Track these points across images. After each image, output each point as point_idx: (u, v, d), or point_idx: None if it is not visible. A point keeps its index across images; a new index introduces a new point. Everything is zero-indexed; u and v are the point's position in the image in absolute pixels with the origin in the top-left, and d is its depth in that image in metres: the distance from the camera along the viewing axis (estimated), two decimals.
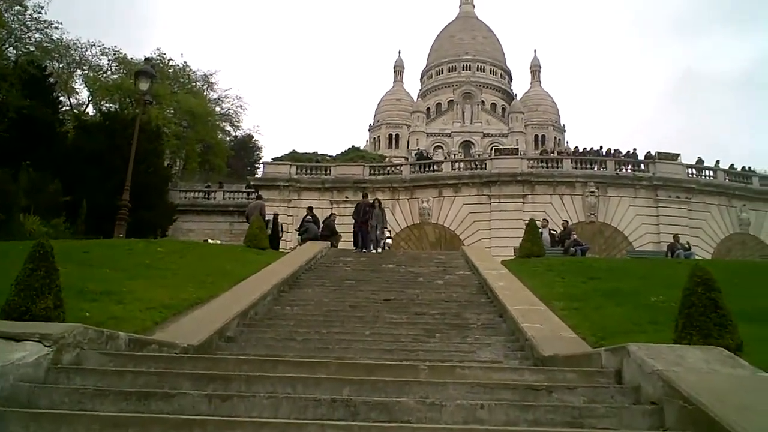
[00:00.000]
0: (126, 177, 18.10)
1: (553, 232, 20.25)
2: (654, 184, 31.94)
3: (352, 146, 65.76)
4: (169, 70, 45.08)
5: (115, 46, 42.50)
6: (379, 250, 17.54)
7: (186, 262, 12.48)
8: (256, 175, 39.21)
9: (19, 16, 32.12)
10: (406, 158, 65.19)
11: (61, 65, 40.13)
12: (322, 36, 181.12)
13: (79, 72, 41.60)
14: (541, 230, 17.94)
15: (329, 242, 18.54)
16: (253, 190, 34.83)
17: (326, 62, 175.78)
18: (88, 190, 25.30)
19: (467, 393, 4.62)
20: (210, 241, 25.24)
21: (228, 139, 51.53)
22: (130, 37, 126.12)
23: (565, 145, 75.74)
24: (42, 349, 4.75)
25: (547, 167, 33.57)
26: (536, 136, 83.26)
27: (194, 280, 10.72)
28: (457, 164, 36.54)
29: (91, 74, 41.19)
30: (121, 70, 41.04)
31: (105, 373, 4.94)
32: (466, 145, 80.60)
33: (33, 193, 23.44)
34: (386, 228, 19.33)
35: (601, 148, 37.79)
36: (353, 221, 18.66)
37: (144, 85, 19.41)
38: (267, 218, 19.59)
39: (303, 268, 13.02)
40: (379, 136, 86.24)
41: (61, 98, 38.70)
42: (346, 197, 32.16)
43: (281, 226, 21.47)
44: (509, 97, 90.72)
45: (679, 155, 34.17)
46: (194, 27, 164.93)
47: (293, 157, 47.54)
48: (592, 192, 31.66)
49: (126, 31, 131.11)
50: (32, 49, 34.06)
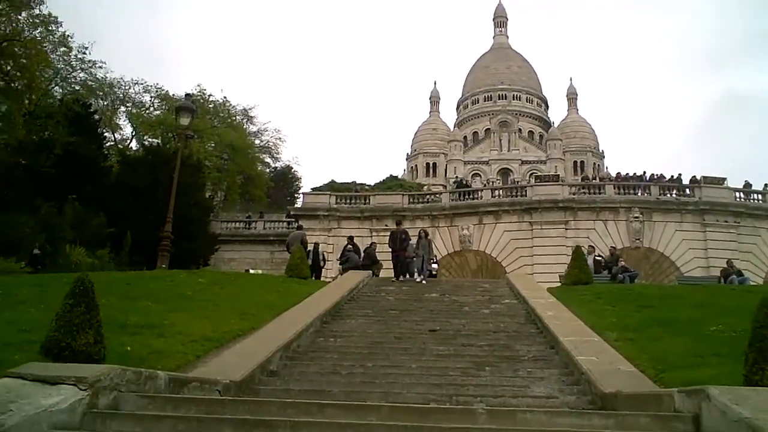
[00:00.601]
0: (168, 209, 18.18)
1: (599, 258, 19.69)
2: (701, 209, 31.08)
3: (390, 175, 65.84)
4: (210, 105, 45.95)
5: (157, 84, 43.63)
6: (425, 281, 16.85)
7: (227, 293, 12.36)
8: (296, 205, 39.34)
9: (65, 57, 33.03)
10: (444, 186, 64.94)
11: (105, 103, 41.29)
12: (359, 68, 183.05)
13: (123, 109, 42.80)
14: (587, 256, 17.45)
15: (371, 271, 18.31)
16: (293, 220, 34.92)
17: (364, 93, 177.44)
18: (131, 222, 25.70)
19: None
20: (251, 271, 25.27)
21: (267, 170, 52.11)
22: (172, 75, 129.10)
23: (605, 170, 74.56)
24: (77, 393, 4.56)
25: (590, 193, 32.93)
26: (575, 163, 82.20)
27: (236, 312, 10.57)
28: (497, 191, 36.14)
29: (135, 111, 42.29)
30: (163, 106, 41.96)
31: (143, 418, 4.75)
32: (504, 173, 80.00)
33: (78, 226, 23.87)
34: (432, 259, 18.86)
35: (645, 173, 36.97)
36: (391, 251, 18.26)
37: (185, 120, 19.60)
38: (308, 248, 19.46)
39: (345, 299, 12.78)
40: (416, 165, 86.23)
41: (106, 134, 39.63)
42: (386, 225, 31.93)
43: (322, 255, 21.32)
44: (546, 124, 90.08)
45: (725, 179, 33.27)
46: (234, 62, 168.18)
47: (332, 187, 47.71)
48: (637, 217, 30.95)
49: (168, 68, 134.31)
50: (77, 87, 35.10)
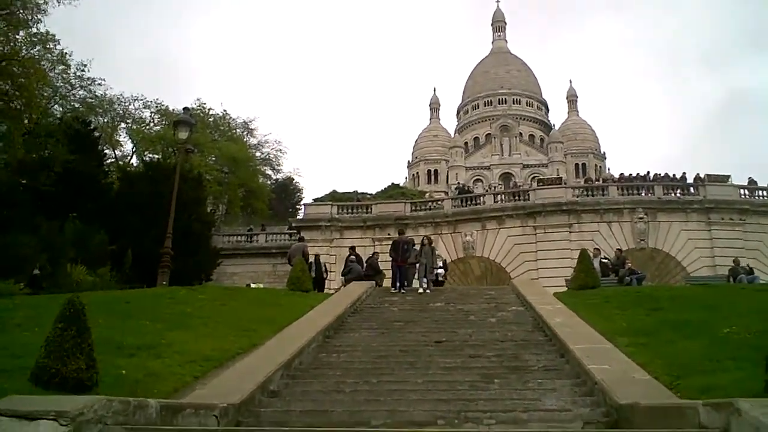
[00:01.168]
0: (168, 225, 17.97)
1: (605, 261, 19.40)
2: (706, 207, 30.72)
3: (392, 183, 65.54)
4: (210, 119, 45.85)
5: (157, 99, 43.45)
6: (429, 290, 16.37)
7: (228, 309, 12.11)
8: (298, 217, 39.12)
9: (64, 75, 32.87)
10: (446, 193, 64.66)
11: (105, 120, 41.14)
12: (358, 77, 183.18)
13: (123, 125, 42.68)
14: (593, 259, 17.16)
15: (374, 282, 18.04)
16: (294, 232, 34.70)
17: (363, 102, 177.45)
18: (132, 238, 25.54)
19: None
20: (252, 285, 24.95)
21: (269, 182, 51.88)
22: (171, 89, 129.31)
23: (607, 172, 74.35)
24: (57, 429, 4.25)
25: (593, 195, 32.63)
26: (576, 165, 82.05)
27: (236, 329, 10.33)
28: (499, 196, 35.86)
29: (135, 127, 42.19)
30: (163, 121, 41.79)
31: None
32: (506, 177, 79.78)
33: (79, 244, 23.67)
34: (435, 268, 18.33)
35: (648, 173, 36.64)
36: (392, 260, 17.55)
37: (183, 134, 19.38)
38: (309, 260, 19.21)
39: (348, 311, 12.52)
40: (417, 173, 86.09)
41: (106, 151, 39.54)
42: (389, 234, 31.66)
43: (325, 266, 21.08)
44: (547, 127, 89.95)
45: (729, 177, 32.96)
46: (233, 75, 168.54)
47: (333, 197, 47.52)
48: (641, 218, 30.62)
49: (167, 83, 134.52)
50: (77, 105, 34.94)
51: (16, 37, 26.87)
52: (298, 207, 52.04)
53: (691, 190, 32.34)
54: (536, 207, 31.69)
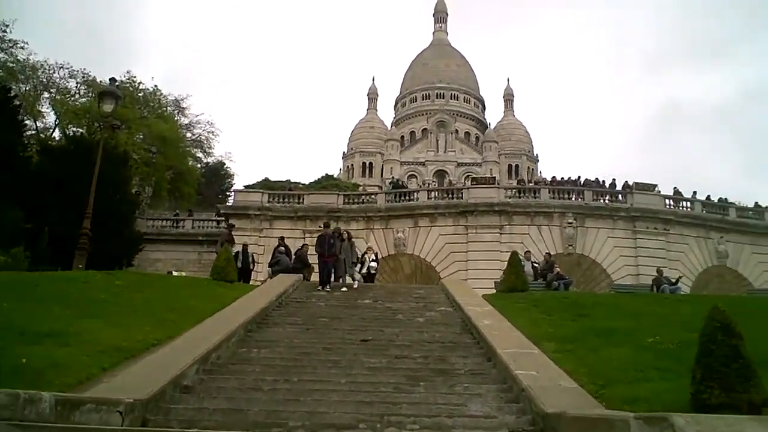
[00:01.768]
0: (89, 204, 17.06)
1: (535, 264, 19.56)
2: (632, 215, 31.44)
3: (326, 174, 64.96)
4: (139, 94, 43.96)
5: (84, 69, 41.29)
6: (356, 284, 16.06)
7: (145, 297, 11.52)
8: (227, 204, 38.14)
9: None
10: (380, 187, 64.64)
11: (27, 87, 39.02)
12: (295, 63, 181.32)
13: (47, 95, 40.42)
14: (523, 263, 17.24)
15: (301, 275, 17.64)
16: (222, 219, 33.79)
17: (300, 89, 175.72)
18: (50, 217, 24.31)
19: None
20: (175, 273, 24.15)
21: (199, 166, 50.37)
22: (101, 60, 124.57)
23: (539, 174, 75.88)
24: None
25: (525, 197, 32.99)
26: (510, 166, 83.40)
27: (153, 318, 9.81)
28: (433, 193, 35.83)
29: (59, 97, 40.00)
30: (90, 94, 39.83)
31: None
32: (440, 174, 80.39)
33: None
34: (355, 263, 17.54)
35: (579, 178, 37.35)
36: (318, 255, 16.34)
37: (108, 107, 18.47)
38: (236, 249, 18.63)
39: (273, 304, 12.12)
40: (352, 165, 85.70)
41: (27, 121, 37.46)
42: (320, 227, 31.03)
43: (252, 256, 20.49)
44: (483, 125, 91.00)
45: (656, 186, 33.85)
46: (166, 51, 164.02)
47: (266, 185, 46.60)
48: (570, 223, 31.08)
49: (96, 53, 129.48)
50: None
51: None
52: (228, 193, 50.88)
53: (619, 197, 33.05)
54: (469, 206, 31.75)
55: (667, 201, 33.26)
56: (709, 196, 35.88)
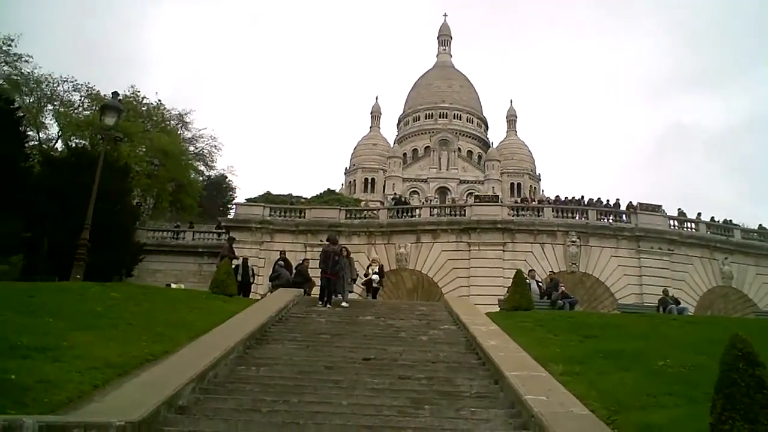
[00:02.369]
0: (87, 215, 16.83)
1: (540, 283, 19.24)
2: (636, 235, 31.21)
3: (328, 189, 64.68)
4: (143, 108, 44.13)
5: (88, 83, 41.45)
6: (346, 304, 15.20)
7: (142, 311, 11.24)
8: (229, 216, 37.90)
9: None
10: (382, 202, 64.41)
11: (31, 100, 39.14)
12: (299, 79, 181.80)
13: (50, 107, 40.54)
14: (528, 281, 16.95)
15: (302, 290, 17.34)
16: (223, 231, 33.55)
17: (303, 105, 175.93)
18: (50, 227, 24.17)
19: None
20: (173, 286, 23.82)
21: (201, 178, 50.31)
22: (106, 75, 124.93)
23: (541, 193, 75.65)
24: None
25: (528, 215, 32.75)
26: (512, 184, 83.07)
27: (149, 333, 9.51)
28: (435, 210, 35.63)
29: (62, 110, 40.09)
30: (93, 106, 39.84)
31: None
32: (442, 191, 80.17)
33: None
34: (353, 279, 17.27)
35: (582, 197, 37.15)
36: (321, 271, 15.90)
37: (110, 120, 18.26)
38: (236, 262, 18.35)
39: (273, 320, 11.82)
40: (354, 180, 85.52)
41: (30, 133, 37.48)
42: (321, 241, 30.83)
43: (252, 270, 20.21)
44: (485, 145, 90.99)
45: (661, 206, 33.64)
46: (170, 66, 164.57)
47: (267, 199, 46.40)
48: (574, 242, 30.85)
49: (101, 68, 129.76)
50: (1, 81, 32.96)
51: None
52: (230, 206, 50.59)
53: (623, 217, 32.83)
54: (471, 223, 31.52)
55: (672, 222, 33.02)
56: (713, 218, 35.68)
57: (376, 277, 19.21)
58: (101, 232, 23.03)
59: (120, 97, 21.87)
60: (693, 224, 33.47)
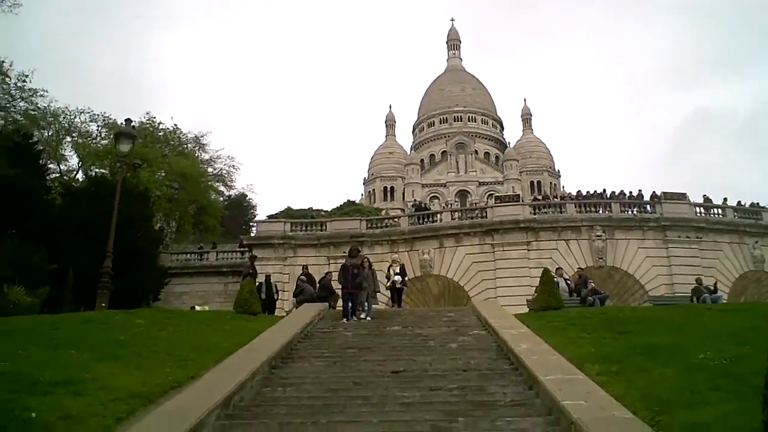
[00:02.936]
0: (108, 243, 16.81)
1: (568, 281, 18.83)
2: (662, 225, 30.65)
3: (348, 200, 64.66)
4: (159, 134, 44.55)
5: (104, 112, 42.09)
6: (370, 318, 14.86)
7: (166, 336, 11.09)
8: (251, 234, 37.95)
9: (3, 86, 31.40)
10: (403, 210, 64.22)
11: (49, 133, 39.68)
12: (313, 93, 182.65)
13: (69, 139, 41.09)
14: (556, 279, 16.57)
15: (327, 303, 17.13)
16: (246, 249, 33.55)
17: (318, 118, 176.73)
18: (74, 257, 24.31)
19: None
20: (197, 308, 23.80)
21: (221, 199, 50.56)
22: (120, 104, 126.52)
23: (562, 189, 74.94)
24: None
25: (551, 212, 32.31)
26: (532, 183, 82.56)
27: (173, 358, 9.36)
28: (456, 214, 35.33)
29: (81, 140, 40.62)
30: (111, 135, 40.29)
31: None
32: (462, 195, 79.90)
33: (17, 263, 22.26)
34: (377, 291, 16.79)
35: (605, 191, 36.58)
36: (341, 287, 15.67)
37: (125, 147, 18.30)
38: (259, 280, 18.20)
39: (298, 337, 11.61)
40: (373, 190, 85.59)
41: (50, 165, 38.02)
42: (344, 252, 30.59)
43: (275, 287, 20.06)
44: (502, 145, 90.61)
45: (685, 194, 32.97)
46: (185, 89, 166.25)
47: (288, 214, 46.44)
48: (599, 236, 30.37)
49: (116, 97, 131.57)
50: (18, 117, 33.32)
51: None
52: (251, 224, 50.82)
53: (648, 207, 32.26)
54: (494, 224, 31.16)
55: (698, 209, 32.40)
56: (740, 202, 34.92)
57: (398, 278, 18.80)
58: (125, 258, 23.11)
59: (134, 124, 21.92)
60: (720, 210, 32.80)
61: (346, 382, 8.55)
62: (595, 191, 36.94)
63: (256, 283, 17.49)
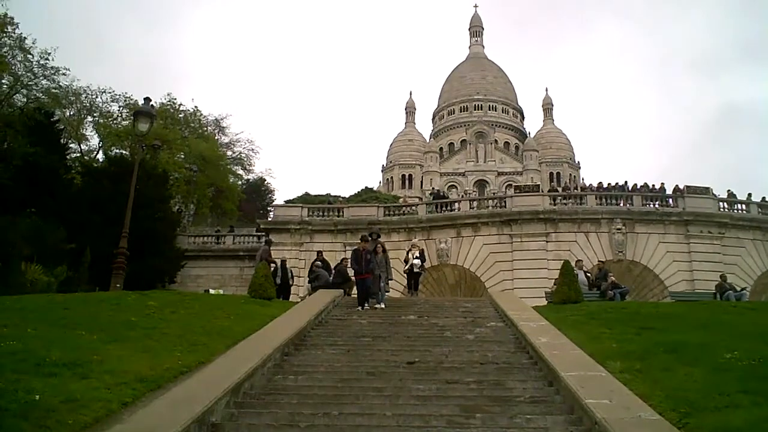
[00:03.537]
0: (125, 223, 16.69)
1: (588, 274, 18.45)
2: (684, 220, 30.05)
3: (366, 187, 64.54)
4: (180, 115, 44.60)
5: (126, 92, 42.08)
6: (383, 305, 14.55)
7: (178, 319, 10.91)
8: (268, 219, 37.91)
9: (26, 63, 31.42)
10: (420, 198, 63.83)
11: (71, 112, 39.84)
12: (334, 78, 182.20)
13: (90, 119, 41.23)
14: (576, 272, 16.21)
15: (342, 290, 16.92)
16: (263, 234, 33.46)
17: (338, 104, 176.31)
18: (92, 237, 24.39)
19: None
20: (212, 291, 23.67)
21: (240, 182, 50.61)
22: (143, 84, 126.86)
23: (581, 181, 74.14)
24: None
25: (571, 204, 31.82)
26: (551, 174, 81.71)
27: (184, 342, 9.17)
28: (474, 203, 34.90)
29: (102, 120, 40.69)
30: (131, 116, 40.32)
31: None
32: (481, 184, 79.33)
33: (36, 241, 22.28)
34: (390, 278, 16.27)
35: (626, 183, 35.98)
36: (354, 273, 15.30)
37: (143, 126, 18.11)
38: (273, 265, 17.99)
39: (312, 323, 11.40)
40: (392, 177, 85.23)
41: (71, 145, 38.20)
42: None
43: (291, 272, 19.88)
44: (522, 135, 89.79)
45: (709, 189, 32.34)
46: (206, 72, 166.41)
47: (305, 199, 46.38)
48: (619, 229, 29.85)
49: (138, 78, 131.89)
50: (40, 96, 33.36)
51: None
52: (269, 209, 50.82)
53: (670, 201, 31.69)
54: (513, 214, 30.74)
55: (722, 204, 31.75)
56: (765, 198, 34.17)
57: (417, 261, 18.45)
58: (142, 239, 23.08)
59: (153, 103, 21.75)
60: (744, 205, 32.12)
61: (360, 372, 8.33)
62: (617, 184, 36.36)
63: (271, 268, 17.32)
